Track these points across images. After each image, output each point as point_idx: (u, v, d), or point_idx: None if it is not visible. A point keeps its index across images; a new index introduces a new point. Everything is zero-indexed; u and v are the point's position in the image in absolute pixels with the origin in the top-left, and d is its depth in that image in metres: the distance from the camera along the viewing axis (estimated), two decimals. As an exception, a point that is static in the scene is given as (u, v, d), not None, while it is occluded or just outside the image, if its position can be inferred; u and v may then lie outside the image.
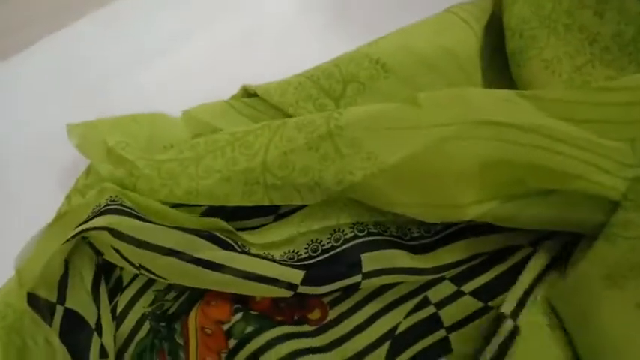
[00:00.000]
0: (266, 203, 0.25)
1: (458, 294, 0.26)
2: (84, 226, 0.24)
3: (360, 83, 0.28)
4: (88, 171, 0.29)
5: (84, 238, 0.25)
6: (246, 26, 0.40)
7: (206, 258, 0.24)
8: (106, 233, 0.23)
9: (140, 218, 0.25)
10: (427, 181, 0.23)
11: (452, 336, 0.25)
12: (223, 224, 0.26)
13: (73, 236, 0.24)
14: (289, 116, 0.28)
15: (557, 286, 0.24)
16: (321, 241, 0.26)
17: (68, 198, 0.29)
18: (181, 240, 0.24)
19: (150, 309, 0.27)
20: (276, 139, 0.25)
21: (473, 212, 0.23)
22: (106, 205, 0.25)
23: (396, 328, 0.26)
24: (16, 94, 0.39)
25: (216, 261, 0.24)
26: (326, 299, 0.27)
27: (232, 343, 0.25)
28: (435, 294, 0.26)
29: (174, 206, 0.27)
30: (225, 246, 0.25)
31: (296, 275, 0.24)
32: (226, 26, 0.41)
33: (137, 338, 0.26)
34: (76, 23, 0.42)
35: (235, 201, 0.25)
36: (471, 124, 0.23)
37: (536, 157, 0.22)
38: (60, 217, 0.27)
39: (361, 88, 0.28)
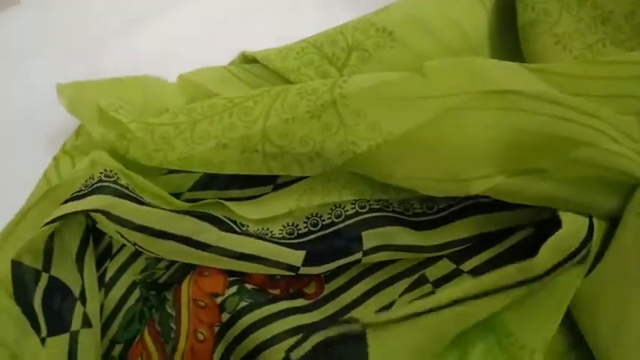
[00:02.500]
0: (264, 173, 0.24)
1: (456, 272, 0.25)
2: (77, 207, 0.23)
3: (365, 51, 0.27)
4: (78, 132, 0.28)
5: None
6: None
7: (206, 241, 0.24)
8: (102, 217, 0.23)
9: (137, 200, 0.24)
10: (433, 153, 0.22)
11: None
12: (221, 205, 0.25)
13: (65, 215, 0.23)
14: (290, 83, 0.27)
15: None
16: (321, 216, 0.26)
17: (55, 159, 0.28)
18: (180, 223, 0.23)
19: (141, 277, 0.26)
20: (277, 106, 0.24)
21: (478, 187, 0.22)
22: (99, 181, 0.24)
23: (391, 305, 0.25)
24: (4, 53, 0.37)
25: (217, 244, 0.24)
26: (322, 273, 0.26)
27: (225, 317, 0.24)
28: (433, 272, 0.26)
29: (169, 172, 0.27)
30: (224, 227, 0.24)
31: (297, 257, 0.24)
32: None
33: (126, 306, 0.26)
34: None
35: (232, 169, 0.24)
36: (477, 94, 0.22)
37: (544, 124, 0.21)
38: (48, 192, 0.25)
39: (366, 56, 0.27)
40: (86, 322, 0.24)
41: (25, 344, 0.22)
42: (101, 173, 0.25)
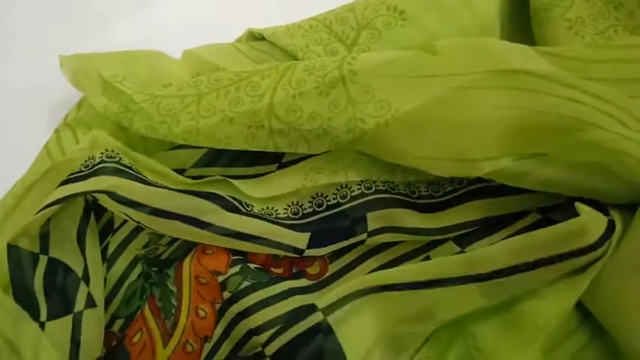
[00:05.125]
0: (270, 149, 0.24)
1: None
2: (79, 188, 0.22)
3: (376, 30, 0.27)
4: (80, 104, 0.28)
5: None
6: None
7: (211, 221, 0.23)
8: (104, 195, 0.23)
9: (140, 179, 0.23)
10: (441, 132, 0.22)
11: None
12: (226, 182, 0.25)
13: (66, 198, 0.22)
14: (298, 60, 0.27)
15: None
16: (327, 196, 0.25)
17: (57, 132, 0.27)
18: (185, 203, 0.23)
19: (143, 252, 0.26)
20: (285, 82, 0.23)
21: (486, 168, 0.22)
22: (101, 162, 0.24)
23: None
24: (9, 29, 0.37)
25: (221, 224, 0.23)
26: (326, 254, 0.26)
27: (227, 295, 0.24)
28: (437, 255, 0.26)
29: (173, 148, 0.26)
30: (230, 208, 0.24)
31: (302, 239, 0.24)
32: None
33: (127, 282, 0.25)
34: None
35: (237, 144, 0.24)
36: (488, 73, 0.22)
37: (553, 105, 0.21)
38: (49, 170, 0.25)
39: (376, 35, 0.27)
40: (90, 302, 0.23)
41: (22, 333, 0.21)
42: (102, 154, 0.24)
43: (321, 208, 0.25)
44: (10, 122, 0.32)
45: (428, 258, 0.26)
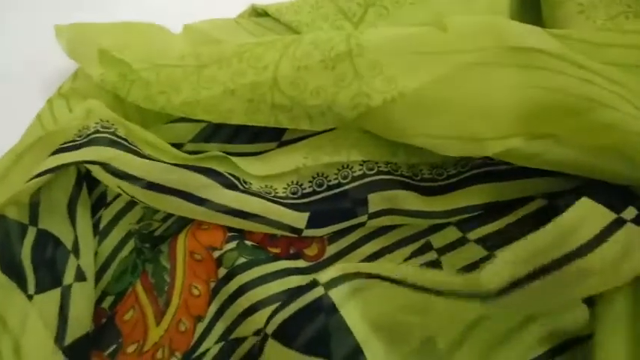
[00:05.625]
0: (272, 124, 0.23)
1: (462, 241, 0.25)
2: (72, 158, 0.22)
3: (384, 8, 0.26)
4: (76, 75, 0.27)
5: None
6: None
7: (208, 197, 0.23)
8: (97, 167, 0.22)
9: (136, 152, 0.23)
10: (450, 110, 0.21)
11: None
12: (225, 158, 0.24)
13: (58, 167, 0.22)
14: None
15: None
16: (327, 176, 0.25)
17: (50, 102, 0.26)
18: (182, 178, 0.22)
19: (136, 227, 0.25)
20: (289, 54, 0.23)
21: (495, 147, 0.21)
22: (95, 132, 0.23)
23: None
24: (4, 2, 0.36)
25: (219, 201, 0.23)
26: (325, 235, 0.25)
27: (222, 272, 0.23)
28: (438, 239, 0.25)
29: (170, 122, 0.25)
30: (228, 184, 0.23)
31: (300, 219, 0.23)
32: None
33: (119, 257, 0.25)
34: None
35: (238, 118, 0.23)
36: (499, 50, 0.21)
37: (566, 84, 0.20)
38: (41, 139, 0.24)
39: (384, 13, 0.26)
40: (80, 276, 0.23)
41: (9, 303, 0.21)
42: (97, 123, 0.23)
43: (321, 188, 0.25)
44: (4, 96, 0.31)
45: (429, 242, 0.25)
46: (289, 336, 0.20)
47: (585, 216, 0.18)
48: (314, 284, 0.21)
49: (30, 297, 0.21)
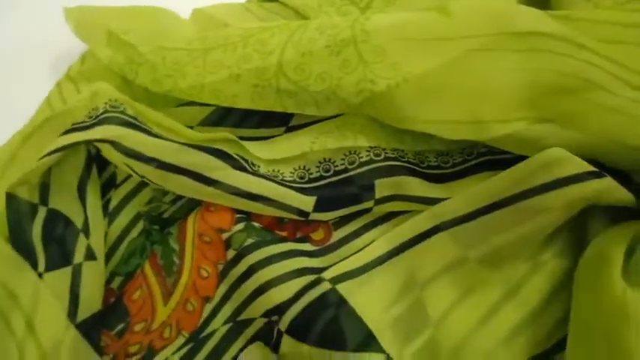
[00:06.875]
0: (277, 109, 0.23)
1: None
2: (83, 137, 0.22)
3: (390, -8, 0.26)
4: (84, 58, 0.27)
5: None
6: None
7: (217, 178, 0.23)
8: (107, 145, 0.22)
9: (146, 131, 0.23)
10: (453, 95, 0.21)
11: None
12: (234, 141, 0.24)
13: (68, 146, 0.22)
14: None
15: None
16: (334, 161, 0.25)
17: (59, 85, 0.27)
18: (192, 157, 0.23)
19: (146, 208, 0.25)
20: (295, 39, 0.23)
21: (498, 130, 0.21)
22: (105, 112, 0.23)
23: None
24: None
25: (227, 182, 0.23)
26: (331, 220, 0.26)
27: (231, 254, 0.24)
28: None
29: (181, 105, 0.26)
30: (236, 165, 0.23)
31: (307, 202, 0.24)
32: None
33: (128, 238, 0.25)
34: None
35: (243, 103, 0.23)
36: (501, 36, 0.21)
37: (565, 65, 0.20)
38: (49, 119, 0.24)
39: (391, -1, 0.26)
40: (90, 255, 0.23)
41: (21, 280, 0.21)
42: (106, 104, 0.24)
43: (328, 174, 0.25)
44: (11, 78, 0.31)
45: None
46: (302, 331, 0.21)
47: (561, 158, 0.20)
48: (319, 281, 0.22)
49: (40, 275, 0.22)
